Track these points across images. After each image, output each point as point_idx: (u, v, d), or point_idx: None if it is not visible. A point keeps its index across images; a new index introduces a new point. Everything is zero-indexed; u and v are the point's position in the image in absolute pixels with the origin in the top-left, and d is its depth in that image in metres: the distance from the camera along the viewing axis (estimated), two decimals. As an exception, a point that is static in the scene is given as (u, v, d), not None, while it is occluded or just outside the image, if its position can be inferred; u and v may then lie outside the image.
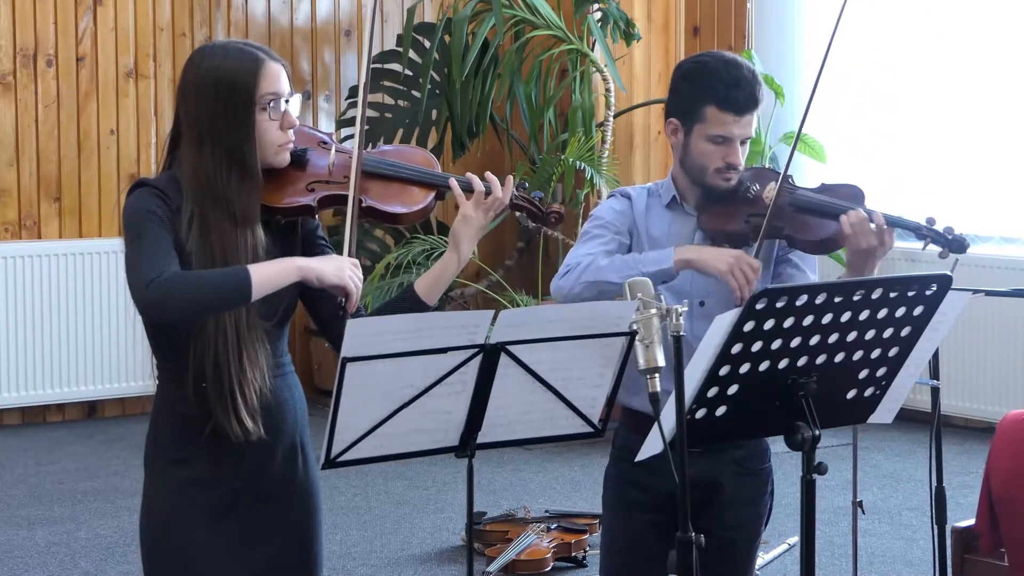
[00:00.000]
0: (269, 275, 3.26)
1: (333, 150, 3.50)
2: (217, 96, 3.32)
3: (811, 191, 3.92)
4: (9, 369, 8.26)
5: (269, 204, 3.40)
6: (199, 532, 3.38)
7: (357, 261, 3.36)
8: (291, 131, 3.40)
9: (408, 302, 3.47)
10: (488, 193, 3.50)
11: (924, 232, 3.87)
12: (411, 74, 8.64)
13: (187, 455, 3.38)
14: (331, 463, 3.14)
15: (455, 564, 6.15)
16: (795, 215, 3.85)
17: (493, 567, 5.85)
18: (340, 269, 3.32)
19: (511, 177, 3.58)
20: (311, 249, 3.50)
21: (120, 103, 8.52)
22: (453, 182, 3.50)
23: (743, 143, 3.84)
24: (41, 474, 7.47)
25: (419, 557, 6.25)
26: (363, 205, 3.46)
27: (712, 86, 3.81)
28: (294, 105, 3.40)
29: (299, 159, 3.45)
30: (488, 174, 3.54)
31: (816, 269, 3.98)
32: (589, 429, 3.34)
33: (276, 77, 3.36)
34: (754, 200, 3.86)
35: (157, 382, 3.44)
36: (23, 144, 8.34)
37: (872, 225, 3.77)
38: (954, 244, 3.87)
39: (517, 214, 3.69)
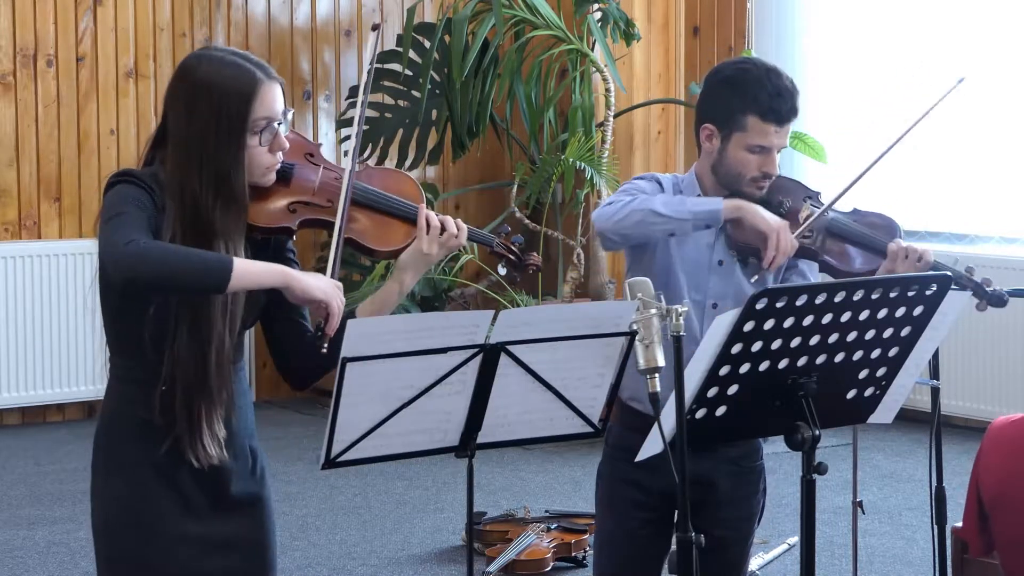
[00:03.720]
0: (252, 272, 3.16)
1: (321, 168, 3.42)
2: (209, 113, 3.23)
3: (844, 215, 3.91)
4: (9, 369, 8.26)
5: (249, 221, 3.32)
6: (157, 536, 3.32)
7: (341, 285, 3.27)
8: (280, 153, 3.32)
9: None
10: (443, 231, 3.41)
11: (964, 282, 3.90)
12: (411, 74, 8.64)
13: (144, 460, 3.30)
14: (331, 463, 3.13)
15: (455, 564, 6.15)
16: (828, 240, 3.85)
17: (493, 567, 5.85)
18: (327, 286, 3.22)
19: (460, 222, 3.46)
20: (279, 262, 3.40)
21: (120, 103, 8.52)
22: (421, 214, 3.40)
23: (778, 152, 3.84)
24: (41, 474, 7.47)
25: (419, 557, 6.25)
26: (344, 236, 3.38)
27: (756, 96, 3.78)
28: (287, 123, 3.32)
29: (284, 174, 3.36)
30: (446, 219, 3.44)
31: (818, 279, 3.97)
32: (589, 429, 3.34)
33: (272, 100, 3.27)
34: (787, 217, 3.82)
35: (109, 379, 3.35)
36: (23, 144, 8.34)
37: (919, 262, 3.78)
38: (993, 298, 3.95)
39: (494, 259, 3.62)
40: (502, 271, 3.62)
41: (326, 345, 3.25)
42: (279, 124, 3.30)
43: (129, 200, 3.20)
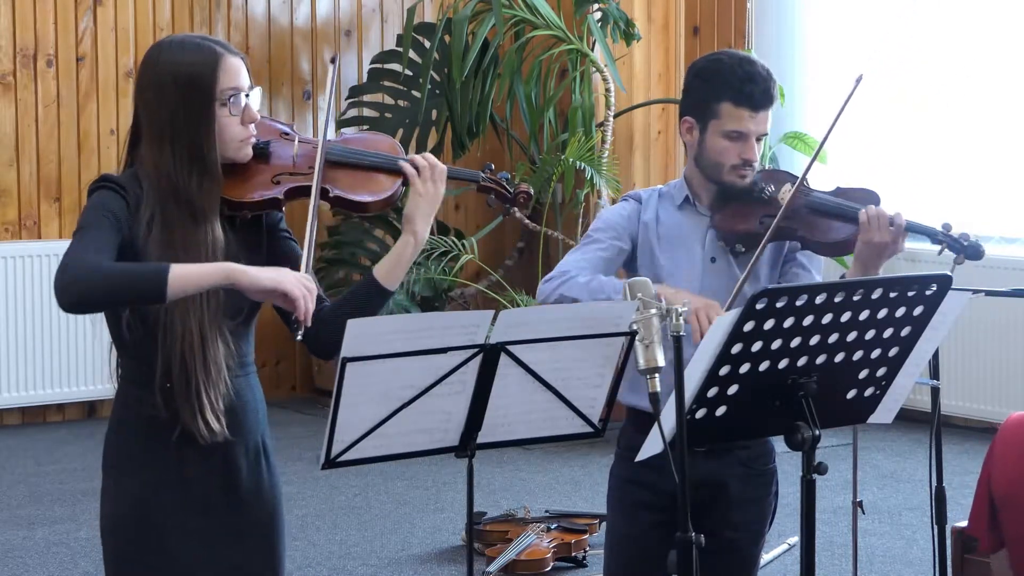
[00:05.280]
0: (192, 275, 3.16)
1: (296, 141, 3.47)
2: (176, 92, 3.29)
3: (826, 194, 3.93)
4: (9, 369, 8.26)
5: (235, 199, 3.36)
6: (167, 533, 3.34)
7: (309, 276, 3.25)
8: (252, 126, 3.36)
9: (369, 288, 3.40)
10: (428, 166, 3.45)
11: (940, 238, 3.89)
12: (411, 74, 8.64)
13: (154, 456, 3.34)
14: (331, 463, 3.14)
15: (455, 564, 6.15)
16: (809, 217, 3.86)
17: (493, 567, 5.85)
18: (279, 275, 3.21)
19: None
20: (275, 242, 3.46)
21: (120, 103, 8.52)
22: (403, 163, 3.44)
23: (758, 140, 3.85)
24: (41, 474, 7.47)
25: (419, 557, 6.25)
26: (331, 195, 3.42)
27: (727, 82, 3.81)
28: (255, 99, 3.36)
29: (262, 152, 3.41)
30: (421, 155, 3.49)
31: (821, 269, 3.98)
32: (589, 429, 3.34)
33: (236, 71, 3.33)
34: (769, 201, 3.87)
35: (119, 381, 3.40)
36: (23, 144, 8.34)
37: (891, 226, 3.78)
38: (969, 250, 3.89)
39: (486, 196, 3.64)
40: (492, 204, 3.62)
41: (300, 334, 3.25)
42: (246, 96, 3.34)
43: (95, 214, 3.25)
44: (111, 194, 3.29)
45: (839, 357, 3.27)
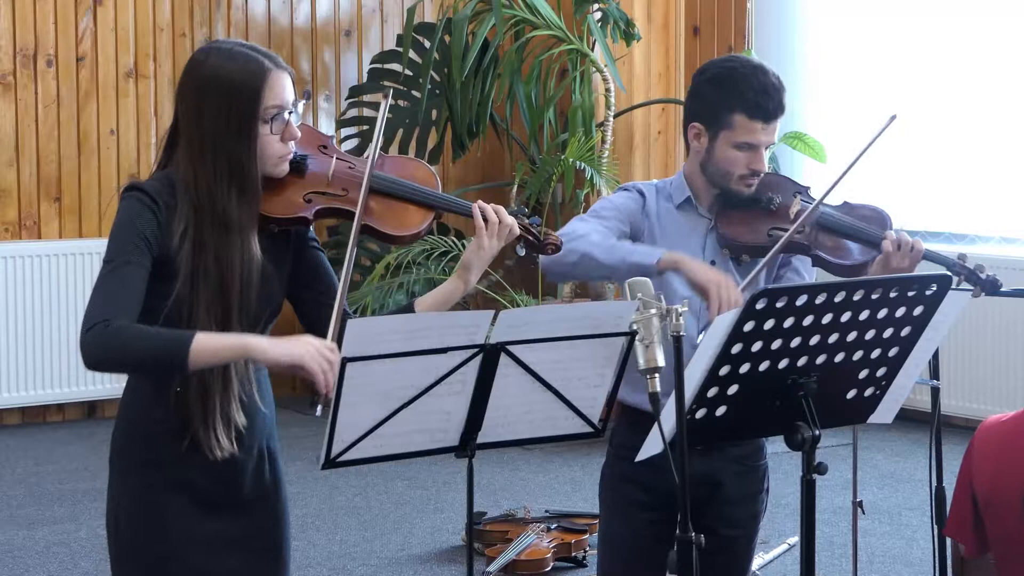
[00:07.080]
0: (212, 348, 3.14)
1: (334, 159, 3.43)
2: (220, 103, 3.24)
3: (834, 209, 3.91)
4: (9, 369, 8.26)
5: (265, 213, 3.32)
6: (173, 535, 3.33)
7: (333, 345, 3.18)
8: (292, 143, 3.33)
9: None
10: (498, 221, 3.45)
11: (958, 269, 3.87)
12: (411, 74, 8.64)
13: (161, 459, 3.32)
14: (331, 463, 3.13)
15: (455, 564, 6.15)
16: (822, 235, 3.84)
17: (493, 567, 5.85)
18: (298, 348, 3.16)
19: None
20: (303, 252, 3.45)
21: (120, 103, 8.52)
22: (476, 209, 3.42)
23: (766, 149, 3.84)
24: (41, 474, 7.47)
25: (419, 557, 6.25)
26: (362, 222, 3.40)
27: (742, 93, 3.77)
28: (297, 115, 3.33)
29: (298, 166, 3.37)
30: (491, 206, 3.46)
31: (814, 276, 3.97)
32: (589, 429, 3.34)
33: (282, 88, 3.28)
34: (777, 212, 3.83)
35: (127, 380, 3.38)
36: (23, 144, 8.34)
37: (911, 251, 3.77)
38: (987, 284, 3.89)
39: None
40: (521, 252, 3.58)
41: (320, 408, 3.23)
42: (289, 113, 3.30)
43: (123, 242, 3.21)
44: (141, 209, 3.24)
45: (839, 357, 3.27)
